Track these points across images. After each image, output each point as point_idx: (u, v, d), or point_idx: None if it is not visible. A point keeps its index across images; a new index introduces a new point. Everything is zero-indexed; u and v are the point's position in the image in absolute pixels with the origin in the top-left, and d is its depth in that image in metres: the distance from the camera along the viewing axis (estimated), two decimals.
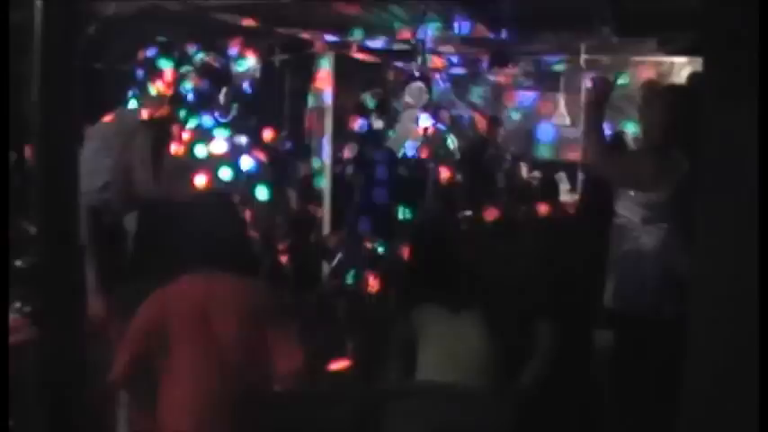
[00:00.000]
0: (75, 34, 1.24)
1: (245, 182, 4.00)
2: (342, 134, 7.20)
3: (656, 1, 5.76)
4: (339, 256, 6.15)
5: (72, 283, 1.21)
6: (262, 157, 4.39)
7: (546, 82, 10.22)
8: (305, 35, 7.28)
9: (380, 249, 4.97)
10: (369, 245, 4.76)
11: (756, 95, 1.87)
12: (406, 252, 4.71)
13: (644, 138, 4.04)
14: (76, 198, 1.23)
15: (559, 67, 9.73)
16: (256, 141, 4.78)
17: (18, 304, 3.89)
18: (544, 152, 10.32)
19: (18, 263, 3.76)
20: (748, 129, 1.91)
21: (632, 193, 3.82)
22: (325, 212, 7.24)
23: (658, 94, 4.17)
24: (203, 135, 3.96)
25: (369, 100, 6.03)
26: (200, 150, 3.87)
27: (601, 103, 4.01)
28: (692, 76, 5.52)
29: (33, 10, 1.23)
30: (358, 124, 6.22)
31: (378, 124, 5.94)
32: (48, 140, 1.21)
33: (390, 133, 6.90)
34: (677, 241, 3.61)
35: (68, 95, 1.24)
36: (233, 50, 4.76)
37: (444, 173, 7.21)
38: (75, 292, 1.21)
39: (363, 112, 6.07)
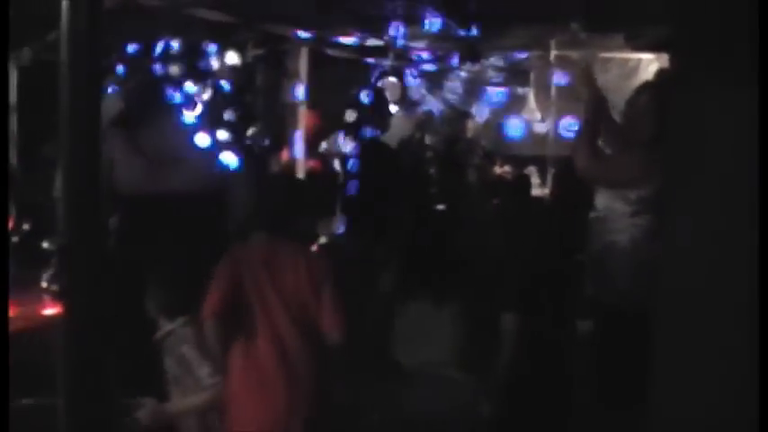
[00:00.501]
0: (100, 27, 1.30)
1: (225, 176, 4.02)
2: (332, 130, 7.25)
3: None
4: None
5: (97, 263, 1.27)
6: (240, 151, 4.41)
7: (516, 77, 10.31)
8: (279, 31, 7.31)
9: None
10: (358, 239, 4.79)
11: (728, 89, 1.94)
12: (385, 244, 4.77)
13: (629, 134, 4.06)
14: (99, 183, 1.29)
15: (529, 63, 9.83)
16: (233, 136, 4.80)
17: (45, 284, 3.93)
18: (514, 147, 10.40)
19: (45, 244, 3.79)
20: (722, 121, 1.98)
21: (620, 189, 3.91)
22: None
23: (645, 90, 4.24)
24: (182, 130, 3.96)
25: (364, 95, 6.03)
26: (180, 145, 3.87)
27: (597, 120, 4.10)
28: (660, 72, 5.60)
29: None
30: (352, 119, 6.22)
31: (373, 120, 5.92)
32: (72, 131, 1.26)
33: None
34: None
35: (93, 87, 1.29)
36: (209, 46, 4.78)
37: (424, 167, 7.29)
38: (99, 273, 1.27)
39: (357, 107, 6.05)
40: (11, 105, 6.00)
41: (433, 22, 7.09)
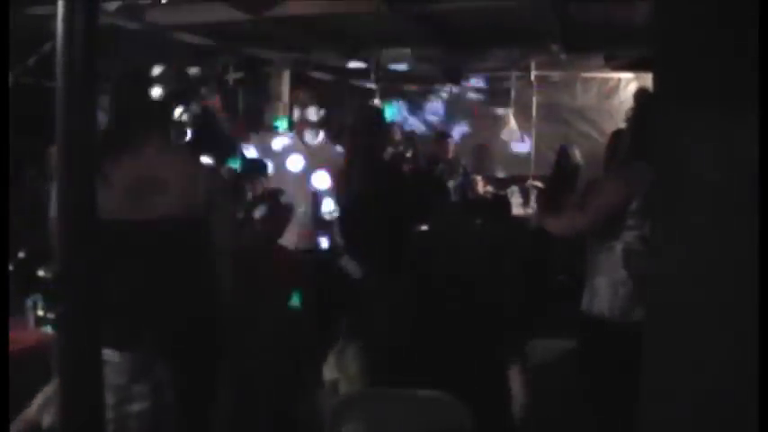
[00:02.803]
0: (95, 44, 1.30)
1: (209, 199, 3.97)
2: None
3: (604, 19, 5.92)
4: None
5: (91, 291, 1.27)
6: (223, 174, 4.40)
7: (497, 98, 10.37)
8: (261, 53, 7.34)
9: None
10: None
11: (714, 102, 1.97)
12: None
13: (634, 148, 4.03)
14: (94, 209, 1.29)
15: (510, 83, 9.90)
16: (215, 159, 4.79)
17: (41, 312, 3.87)
18: (496, 167, 10.46)
19: (41, 272, 3.74)
20: (705, 135, 2.02)
21: None
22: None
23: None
24: (169, 153, 3.91)
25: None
26: (161, 169, 3.82)
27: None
28: (640, 91, 5.66)
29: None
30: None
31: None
32: (66, 155, 1.26)
33: None
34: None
35: (88, 109, 1.29)
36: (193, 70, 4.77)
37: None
38: (94, 300, 1.28)
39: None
40: None
41: (414, 44, 7.15)
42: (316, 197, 5.59)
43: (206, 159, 4.13)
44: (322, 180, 5.57)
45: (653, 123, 2.25)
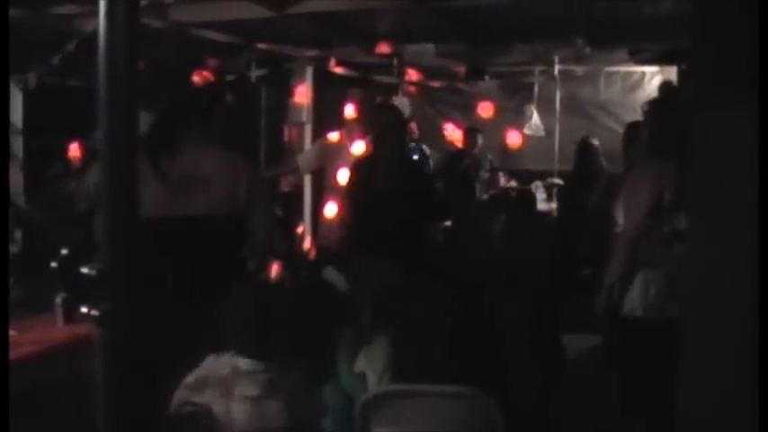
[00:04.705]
0: (136, 45, 1.30)
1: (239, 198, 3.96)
2: None
3: (628, 12, 5.87)
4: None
5: (136, 287, 1.29)
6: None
7: (521, 92, 10.33)
8: (283, 50, 7.34)
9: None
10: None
11: (751, 100, 1.95)
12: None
13: (653, 144, 3.97)
14: (137, 207, 1.30)
15: (533, 78, 9.85)
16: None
17: (85, 309, 3.90)
18: (519, 162, 10.42)
19: (84, 270, 3.76)
20: (739, 132, 1.99)
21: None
22: (306, 225, 7.32)
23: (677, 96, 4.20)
24: (195, 151, 3.91)
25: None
26: (195, 167, 3.82)
27: None
28: (664, 85, 5.63)
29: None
30: None
31: None
32: (111, 155, 1.27)
33: None
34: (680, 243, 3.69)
35: (130, 108, 1.29)
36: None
37: None
38: (138, 297, 1.29)
39: None
40: (17, 129, 6.02)
41: (438, 39, 7.13)
42: None
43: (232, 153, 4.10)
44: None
45: (673, 119, 2.23)
